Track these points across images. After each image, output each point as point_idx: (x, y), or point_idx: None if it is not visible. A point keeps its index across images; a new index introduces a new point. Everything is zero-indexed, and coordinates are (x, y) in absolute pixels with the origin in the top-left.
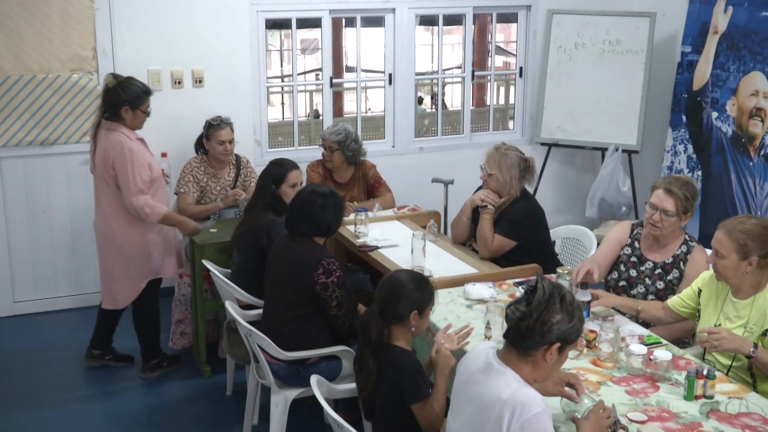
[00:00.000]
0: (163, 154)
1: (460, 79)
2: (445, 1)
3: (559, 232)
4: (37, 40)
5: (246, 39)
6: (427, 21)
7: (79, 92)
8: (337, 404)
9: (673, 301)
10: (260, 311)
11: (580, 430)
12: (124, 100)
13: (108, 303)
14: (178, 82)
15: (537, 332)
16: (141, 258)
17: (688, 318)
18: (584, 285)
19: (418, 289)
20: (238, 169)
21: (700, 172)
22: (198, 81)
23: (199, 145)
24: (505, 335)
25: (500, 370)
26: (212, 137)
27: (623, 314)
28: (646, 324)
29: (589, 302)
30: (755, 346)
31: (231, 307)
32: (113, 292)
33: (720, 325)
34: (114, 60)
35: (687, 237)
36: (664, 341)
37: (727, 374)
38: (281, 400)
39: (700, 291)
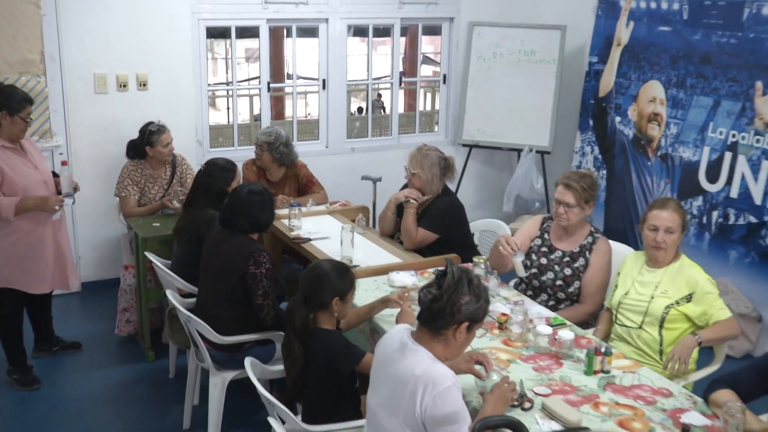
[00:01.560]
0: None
1: (391, 86)
2: (375, 12)
3: (477, 226)
4: None
5: (188, 45)
6: (361, 32)
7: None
8: (272, 385)
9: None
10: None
11: (485, 403)
12: (2, 105)
13: None
14: (123, 86)
15: (447, 313)
16: None
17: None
18: None
19: (339, 278)
20: (174, 167)
21: (605, 171)
22: (142, 84)
23: (135, 150)
24: (419, 317)
25: (414, 348)
26: (157, 142)
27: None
28: (554, 308)
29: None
30: (695, 334)
31: (171, 296)
32: None
33: (630, 291)
34: (61, 63)
35: (593, 229)
36: (568, 322)
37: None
38: (219, 382)
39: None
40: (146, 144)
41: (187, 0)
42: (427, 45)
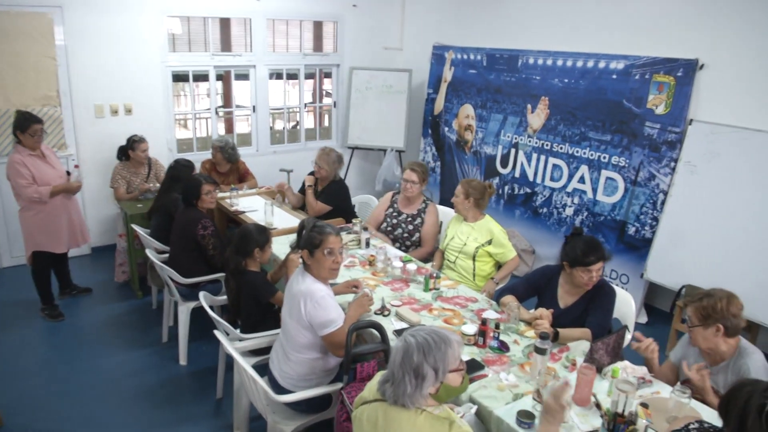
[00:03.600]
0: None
1: (299, 110)
2: (287, 61)
3: (357, 199)
4: (16, 84)
5: (160, 84)
6: (280, 75)
7: (48, 119)
8: (223, 311)
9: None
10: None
11: (349, 310)
12: (16, 126)
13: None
14: (115, 112)
15: (303, 243)
16: (25, 236)
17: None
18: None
19: (259, 234)
20: (150, 166)
21: (439, 163)
22: (128, 111)
23: (122, 153)
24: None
25: (303, 273)
26: (137, 148)
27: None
28: (405, 250)
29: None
30: (493, 278)
31: (150, 254)
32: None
33: (454, 238)
34: (71, 97)
35: (425, 198)
36: (414, 259)
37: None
38: (185, 309)
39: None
40: (129, 149)
41: (158, 53)
42: (327, 84)
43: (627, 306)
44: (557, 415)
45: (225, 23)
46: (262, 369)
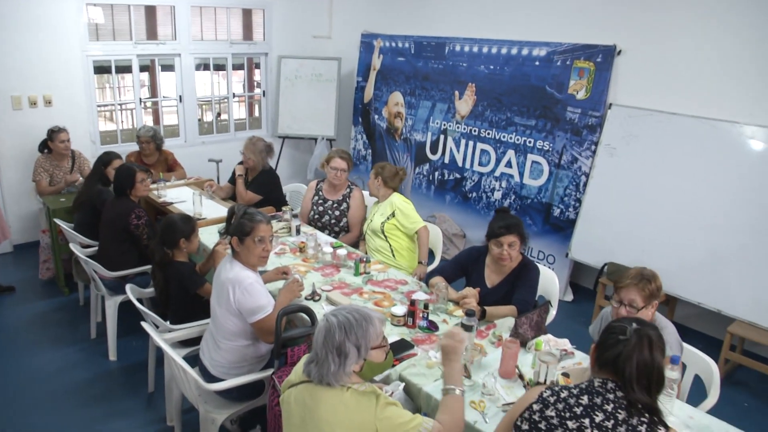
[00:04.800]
0: None
1: (228, 100)
2: (213, 50)
3: (289, 188)
4: None
5: (80, 75)
6: (209, 66)
7: None
8: (154, 304)
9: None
10: (95, 249)
11: (279, 296)
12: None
13: None
14: (33, 104)
15: (233, 230)
16: None
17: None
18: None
19: (184, 224)
20: (73, 159)
21: (370, 150)
22: (48, 102)
23: (44, 145)
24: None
25: (231, 261)
26: (56, 139)
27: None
28: (335, 236)
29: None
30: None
31: (74, 248)
32: None
33: (375, 214)
34: None
35: (350, 183)
36: (344, 244)
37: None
38: (112, 304)
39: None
40: (49, 140)
41: (77, 42)
42: (258, 76)
43: (551, 283)
44: (457, 352)
45: (151, 12)
46: (194, 360)
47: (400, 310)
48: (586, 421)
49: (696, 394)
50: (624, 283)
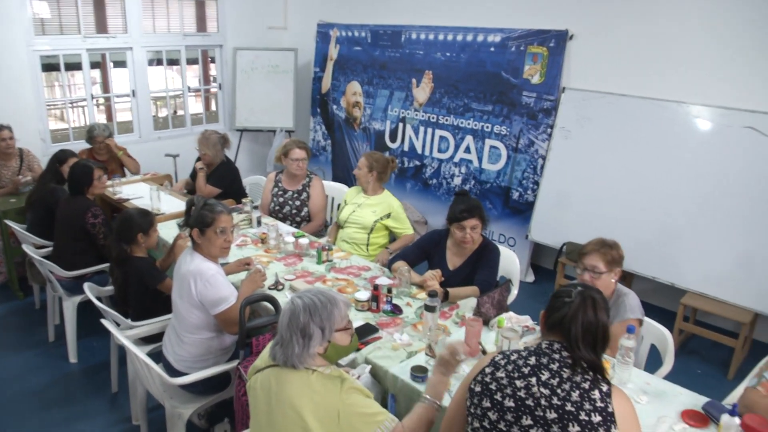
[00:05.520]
0: None
1: (183, 93)
2: (166, 42)
3: (248, 180)
4: None
5: (26, 70)
6: (162, 61)
7: None
8: (113, 303)
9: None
10: (50, 249)
11: (242, 286)
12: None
13: None
14: None
15: (193, 222)
16: None
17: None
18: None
19: (141, 218)
20: (21, 158)
21: (330, 141)
22: None
23: None
24: None
25: (192, 253)
26: None
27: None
28: (297, 226)
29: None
30: (387, 247)
31: (28, 249)
32: None
33: (356, 210)
34: None
35: (309, 173)
36: (306, 233)
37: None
38: (70, 305)
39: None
40: None
41: (21, 35)
42: (214, 70)
43: (512, 264)
44: (450, 367)
45: (99, 4)
46: (157, 357)
47: (364, 295)
48: (533, 380)
49: (652, 362)
50: (587, 249)
